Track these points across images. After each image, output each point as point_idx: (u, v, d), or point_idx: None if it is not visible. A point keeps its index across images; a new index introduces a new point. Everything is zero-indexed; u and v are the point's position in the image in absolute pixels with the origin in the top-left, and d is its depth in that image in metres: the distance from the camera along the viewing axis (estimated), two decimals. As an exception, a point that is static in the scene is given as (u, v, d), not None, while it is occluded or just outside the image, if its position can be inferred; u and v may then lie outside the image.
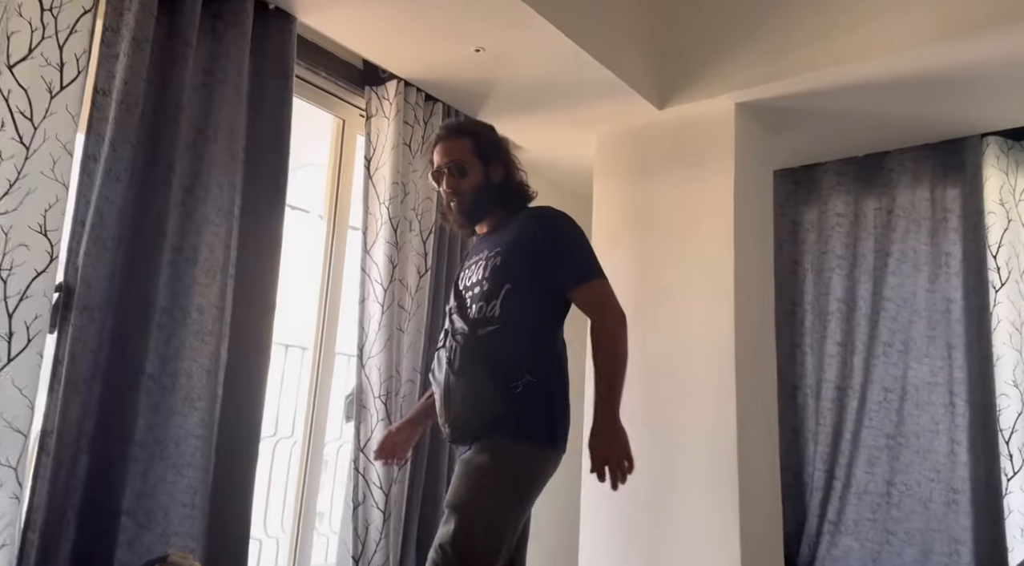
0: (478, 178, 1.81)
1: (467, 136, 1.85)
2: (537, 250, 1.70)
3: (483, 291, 1.71)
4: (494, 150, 1.86)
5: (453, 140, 1.84)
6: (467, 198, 1.81)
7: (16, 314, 1.59)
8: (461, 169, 1.81)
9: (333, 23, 2.28)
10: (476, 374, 1.64)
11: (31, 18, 1.67)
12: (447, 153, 1.83)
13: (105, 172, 1.75)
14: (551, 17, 2.18)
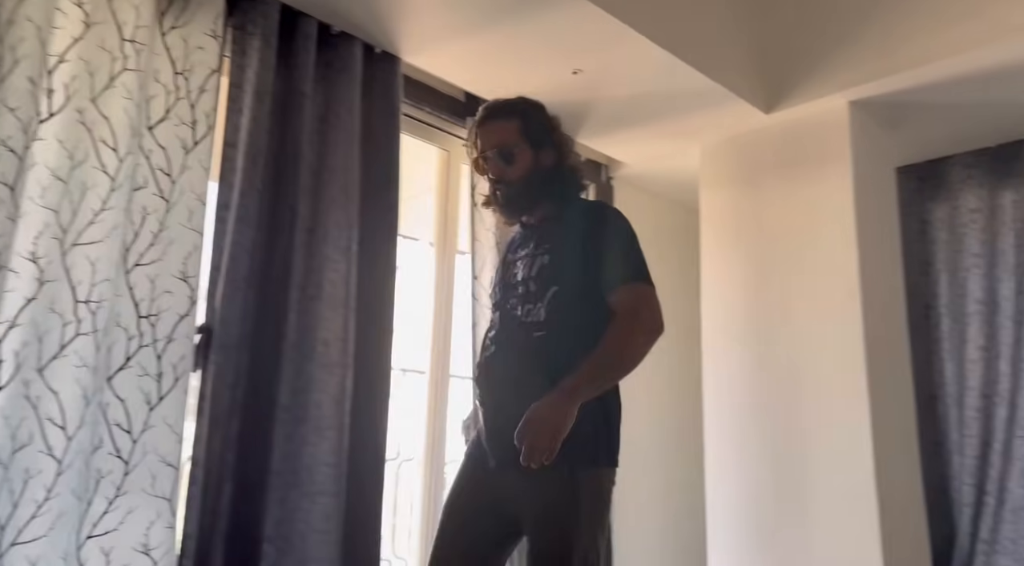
0: (527, 164, 1.63)
1: (515, 117, 1.65)
2: (587, 249, 1.55)
3: (529, 291, 1.57)
4: (545, 131, 1.67)
5: (499, 121, 1.65)
6: (515, 187, 1.63)
7: (164, 356, 1.72)
8: (508, 155, 1.62)
9: (435, 60, 2.36)
10: (531, 386, 1.46)
11: (166, 82, 1.82)
12: (492, 137, 1.64)
13: (236, 219, 1.88)
14: (647, 32, 2.16)
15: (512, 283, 1.63)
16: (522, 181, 1.62)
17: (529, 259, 1.61)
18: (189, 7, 1.86)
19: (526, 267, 1.61)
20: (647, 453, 3.17)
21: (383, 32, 2.18)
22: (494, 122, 1.65)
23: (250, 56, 1.95)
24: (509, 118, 1.64)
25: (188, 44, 1.84)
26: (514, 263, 1.66)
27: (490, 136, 1.64)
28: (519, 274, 1.62)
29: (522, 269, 1.62)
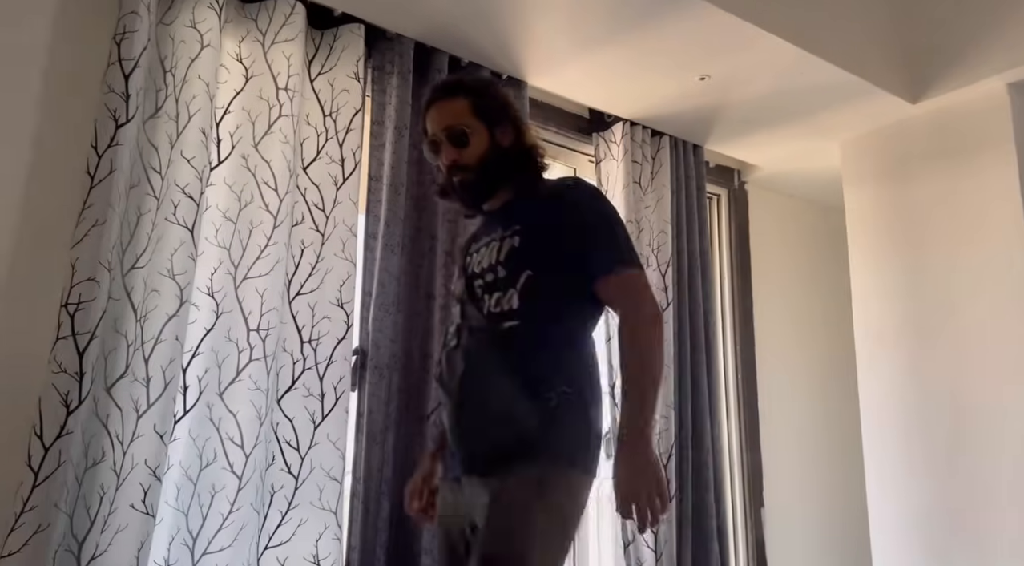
0: (483, 145, 1.46)
1: (464, 94, 1.49)
2: (564, 230, 1.38)
3: (498, 278, 1.38)
4: (500, 108, 1.50)
5: (448, 101, 1.48)
6: (473, 172, 1.46)
7: (325, 377, 1.85)
8: (462, 136, 1.46)
9: (560, 80, 2.40)
10: (499, 381, 1.32)
11: (316, 124, 1.97)
12: (443, 118, 1.48)
13: (383, 247, 1.99)
14: (777, 30, 2.10)
15: (477, 272, 1.44)
16: (479, 164, 1.46)
17: (497, 243, 1.42)
18: (333, 53, 2.01)
19: (493, 252, 1.42)
20: (803, 477, 3.02)
21: (509, 59, 2.25)
22: (444, 101, 1.48)
23: (389, 94, 2.07)
24: (458, 96, 1.48)
25: (334, 88, 1.98)
26: (477, 251, 1.48)
27: (440, 118, 1.48)
28: (485, 261, 1.43)
29: (488, 255, 1.43)
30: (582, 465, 1.31)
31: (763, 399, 2.94)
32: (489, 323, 1.36)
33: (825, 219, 3.35)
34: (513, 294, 1.35)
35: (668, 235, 2.60)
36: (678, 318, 2.58)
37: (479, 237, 1.52)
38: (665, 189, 2.65)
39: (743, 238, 3.06)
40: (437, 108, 1.49)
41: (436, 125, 1.48)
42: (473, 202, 1.50)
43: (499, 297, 1.37)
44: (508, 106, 1.52)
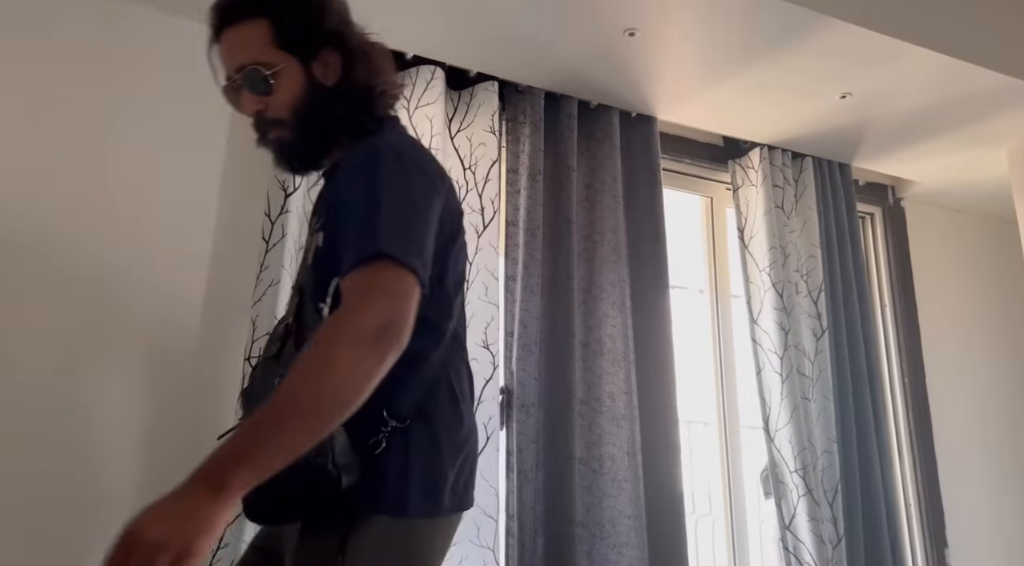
0: (296, 86, 1.07)
1: (259, 13, 1.06)
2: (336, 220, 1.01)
3: (309, 288, 1.05)
4: (314, 27, 1.08)
5: (238, 27, 1.07)
6: (288, 128, 1.07)
7: (476, 417, 1.93)
8: (260, 79, 1.05)
9: (691, 112, 2.40)
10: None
11: (457, 178, 2.10)
12: (234, 53, 1.08)
13: (522, 289, 2.07)
14: (922, 40, 1.99)
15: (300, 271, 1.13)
16: (294, 116, 1.07)
17: (310, 237, 1.09)
18: (470, 111, 2.14)
19: (309, 250, 1.09)
20: (990, 513, 2.74)
21: (638, 97, 2.28)
22: (232, 28, 1.08)
23: (522, 142, 2.17)
24: (250, 17, 1.07)
25: (472, 142, 2.11)
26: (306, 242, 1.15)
27: (230, 50, 1.08)
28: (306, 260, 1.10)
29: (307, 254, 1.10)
30: (414, 506, 0.98)
31: (938, 429, 2.71)
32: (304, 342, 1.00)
33: (996, 232, 3.07)
34: (324, 309, 1.00)
35: (818, 259, 2.50)
36: (835, 346, 2.45)
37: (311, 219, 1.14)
38: (811, 212, 2.56)
39: (903, 258, 2.86)
40: (225, 39, 1.08)
41: (227, 63, 1.09)
42: (297, 169, 1.14)
43: (322, 309, 1.01)
44: (326, 21, 1.09)
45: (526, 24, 1.94)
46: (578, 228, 2.22)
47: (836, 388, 2.41)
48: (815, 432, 2.35)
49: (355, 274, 0.91)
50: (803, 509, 2.23)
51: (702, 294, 2.64)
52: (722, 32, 1.98)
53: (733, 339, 2.55)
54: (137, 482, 1.63)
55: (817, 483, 2.28)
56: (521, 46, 2.03)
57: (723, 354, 2.53)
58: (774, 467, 2.31)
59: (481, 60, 2.10)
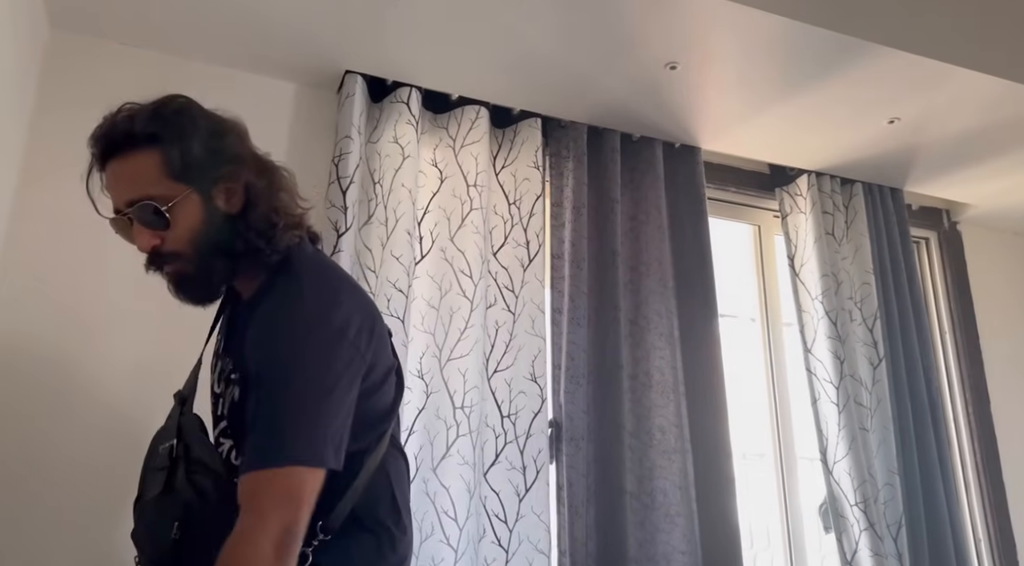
0: (195, 219, 1.00)
1: (148, 142, 0.99)
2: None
3: (224, 429, 1.03)
4: (211, 155, 1.01)
5: (126, 158, 1.00)
6: (188, 261, 1.02)
7: (525, 450, 1.94)
8: (155, 215, 0.99)
9: (735, 141, 2.40)
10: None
11: (502, 213, 2.14)
12: (124, 185, 1.01)
13: (569, 321, 2.07)
14: (971, 64, 1.96)
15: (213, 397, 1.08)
16: (194, 248, 1.01)
17: (223, 385, 1.04)
18: (514, 147, 2.18)
19: (222, 396, 1.05)
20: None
21: (681, 128, 2.30)
22: (121, 158, 1.00)
23: (566, 176, 2.20)
24: (139, 149, 0.99)
25: (516, 178, 2.15)
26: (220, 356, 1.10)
27: (121, 182, 1.01)
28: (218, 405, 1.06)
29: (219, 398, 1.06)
30: None
31: (1006, 459, 2.59)
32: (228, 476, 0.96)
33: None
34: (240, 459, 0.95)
35: (872, 286, 2.45)
36: (893, 375, 2.38)
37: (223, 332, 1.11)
38: (863, 238, 2.51)
39: (962, 282, 2.78)
40: (115, 169, 1.01)
41: (117, 195, 1.01)
42: (200, 301, 1.06)
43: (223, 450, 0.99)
44: (224, 148, 1.02)
45: (568, 62, 1.98)
46: (623, 259, 2.22)
47: (896, 418, 2.33)
48: (875, 464, 2.28)
49: (258, 475, 0.90)
50: (865, 544, 2.15)
51: (753, 322, 2.61)
52: (764, 62, 1.98)
53: (786, 368, 2.50)
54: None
55: (879, 517, 2.20)
56: (563, 83, 2.07)
57: (776, 384, 2.48)
58: (833, 500, 2.24)
59: (524, 98, 2.15)
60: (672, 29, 1.86)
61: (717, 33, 1.88)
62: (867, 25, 1.89)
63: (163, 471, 0.98)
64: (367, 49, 1.94)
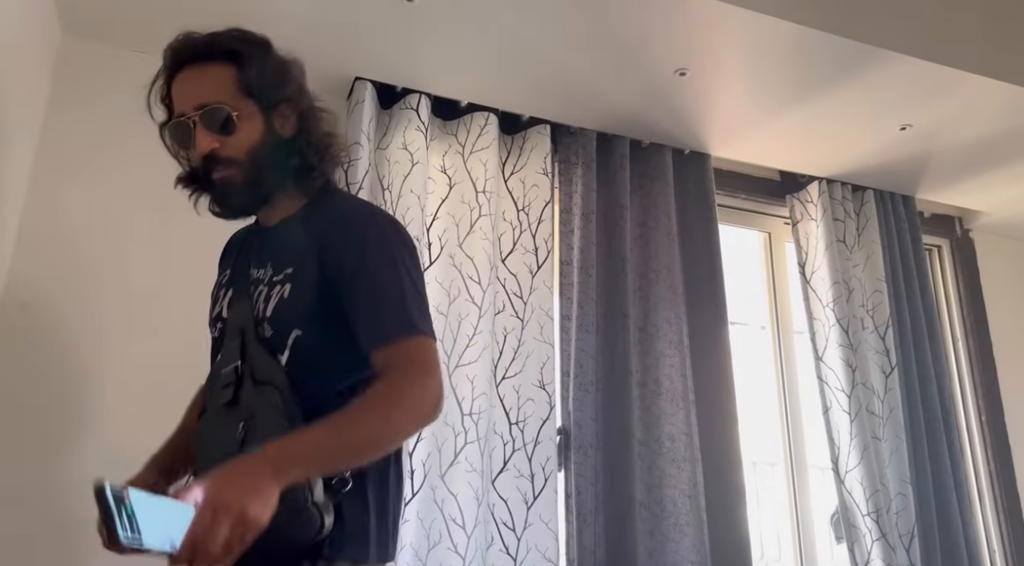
0: (256, 133, 1.10)
1: (226, 59, 1.10)
2: (336, 278, 1.05)
3: (266, 337, 1.06)
4: (279, 81, 1.12)
5: (202, 67, 1.10)
6: (241, 169, 1.09)
7: (534, 458, 1.93)
8: (224, 120, 1.08)
9: (746, 148, 2.39)
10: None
11: (511, 219, 2.13)
12: (196, 91, 1.09)
13: (578, 328, 2.06)
14: (984, 70, 1.95)
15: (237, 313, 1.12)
16: (249, 159, 1.09)
17: (265, 289, 1.09)
18: (523, 154, 2.18)
19: (260, 300, 1.10)
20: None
21: (690, 135, 2.29)
22: (197, 67, 1.10)
23: (575, 183, 2.19)
24: (217, 61, 1.10)
25: (525, 184, 2.14)
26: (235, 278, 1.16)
27: (191, 91, 1.10)
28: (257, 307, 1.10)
29: (256, 300, 1.11)
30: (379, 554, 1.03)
31: (1021, 469, 2.56)
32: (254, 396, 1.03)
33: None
34: (280, 360, 1.03)
35: (884, 294, 2.43)
36: (905, 384, 2.36)
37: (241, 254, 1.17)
38: (875, 245, 2.49)
39: (974, 290, 2.75)
40: (188, 75, 1.10)
41: (186, 99, 1.10)
42: (237, 211, 1.14)
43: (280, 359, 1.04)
44: (289, 78, 1.14)
45: (577, 68, 1.98)
46: (633, 266, 2.21)
47: (908, 427, 2.31)
48: (887, 473, 2.25)
49: (400, 346, 1.02)
50: (878, 554, 2.12)
51: (763, 330, 2.59)
52: (775, 68, 1.98)
53: (798, 376, 2.48)
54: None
55: (892, 527, 2.18)
56: (572, 89, 2.07)
57: (788, 392, 2.46)
58: (845, 510, 2.22)
59: (533, 105, 2.14)
60: (681, 35, 1.85)
61: (727, 39, 1.87)
62: (878, 31, 1.88)
63: (229, 387, 1.03)
64: (377, 56, 1.95)
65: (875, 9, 1.92)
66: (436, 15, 1.78)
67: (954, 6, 2.05)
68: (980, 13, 2.06)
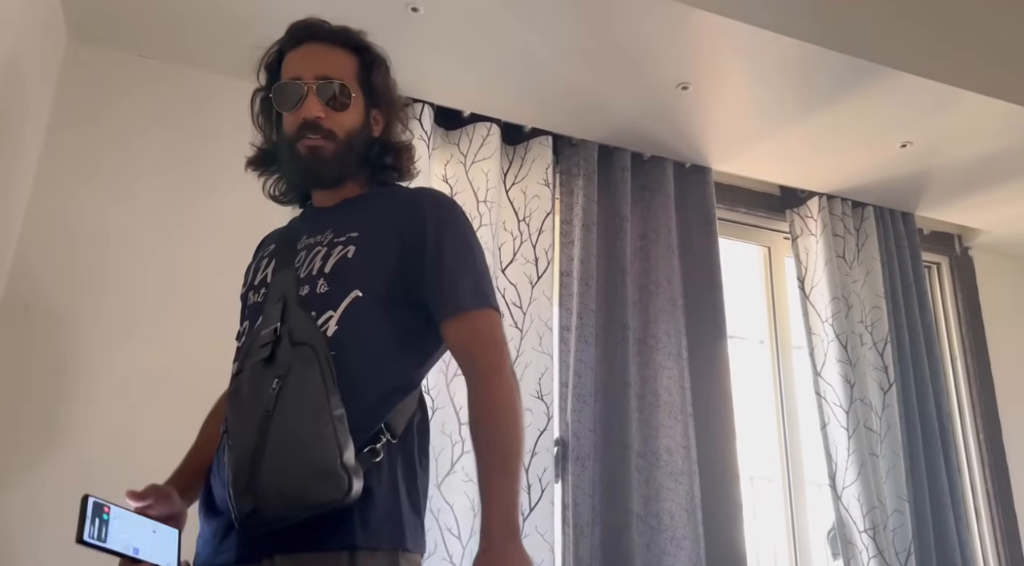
0: (357, 119, 1.17)
1: (353, 51, 1.20)
2: (412, 248, 1.10)
3: (314, 294, 1.07)
4: (385, 88, 1.22)
5: (330, 48, 1.18)
6: (335, 143, 1.14)
7: (531, 469, 1.92)
8: (344, 96, 1.15)
9: (747, 162, 2.40)
10: (301, 427, 0.95)
11: (512, 230, 2.14)
12: (321, 63, 1.17)
13: (577, 338, 2.06)
14: (984, 89, 1.96)
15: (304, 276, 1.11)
16: (345, 138, 1.15)
17: (322, 248, 1.11)
18: (525, 164, 2.19)
19: (316, 259, 1.11)
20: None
21: (692, 149, 2.30)
22: (326, 45, 1.18)
23: (575, 194, 2.20)
24: (345, 49, 1.19)
25: (526, 195, 2.15)
26: (279, 252, 1.17)
27: (316, 61, 1.16)
28: (303, 269, 1.11)
29: (308, 261, 1.11)
30: (408, 540, 1.00)
31: (1018, 488, 2.55)
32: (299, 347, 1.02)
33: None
34: (332, 317, 1.05)
35: (883, 310, 2.43)
36: (903, 400, 2.36)
37: (294, 239, 1.18)
38: (874, 261, 2.50)
39: (973, 308, 2.76)
40: (314, 49, 1.18)
41: (307, 67, 1.16)
42: (317, 180, 1.19)
43: (314, 317, 1.05)
44: (394, 93, 1.24)
45: (579, 81, 1.99)
46: (632, 278, 2.21)
47: (906, 444, 2.31)
48: (884, 490, 2.25)
49: (474, 318, 1.09)
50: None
51: (762, 344, 2.59)
52: (776, 84, 1.99)
53: (796, 391, 2.48)
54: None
55: (888, 544, 2.17)
56: (575, 102, 2.08)
57: (786, 407, 2.46)
58: (842, 526, 2.21)
59: (536, 116, 2.16)
60: (684, 50, 1.87)
61: (729, 54, 1.89)
62: (880, 49, 1.89)
63: (267, 346, 1.04)
64: (381, 65, 1.95)
65: (876, 27, 1.93)
66: (440, 25, 1.79)
67: (955, 25, 2.06)
68: (980, 32, 2.08)
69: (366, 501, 0.95)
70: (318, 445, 0.92)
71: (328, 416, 0.94)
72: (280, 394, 0.98)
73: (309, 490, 0.91)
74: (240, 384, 1.05)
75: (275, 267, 1.15)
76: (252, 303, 1.16)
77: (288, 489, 0.92)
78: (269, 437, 0.95)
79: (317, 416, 0.94)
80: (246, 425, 0.98)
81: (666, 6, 1.72)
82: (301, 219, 1.24)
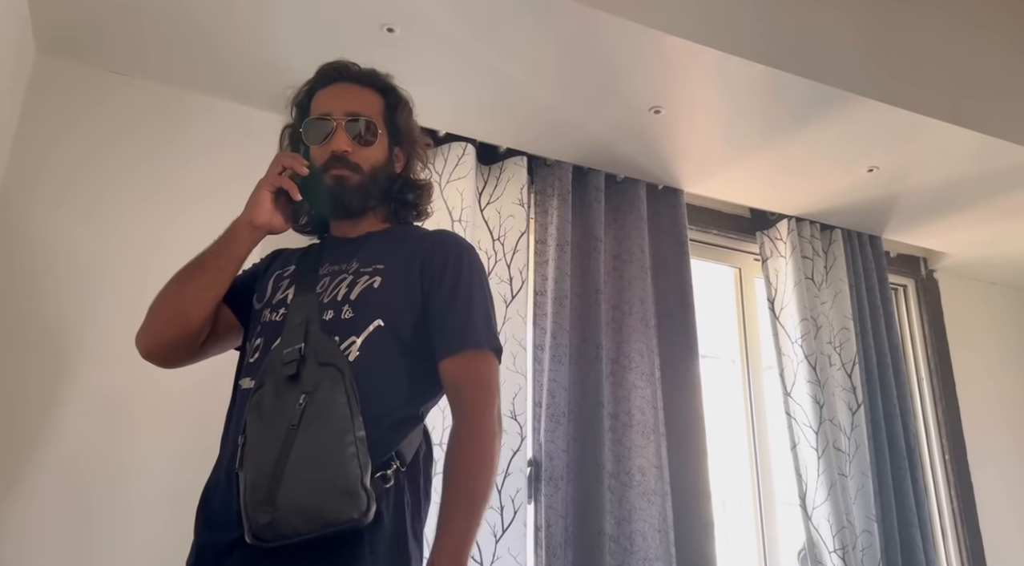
0: (382, 156, 1.24)
1: (380, 92, 1.28)
2: (428, 286, 1.15)
3: (338, 319, 1.10)
4: (407, 129, 1.29)
5: (359, 87, 1.26)
6: (360, 176, 1.21)
7: (504, 489, 1.90)
8: (370, 133, 1.22)
9: (718, 184, 2.44)
10: (326, 444, 0.97)
11: (487, 249, 2.14)
12: (351, 101, 1.24)
13: (550, 358, 2.06)
14: (948, 117, 2.02)
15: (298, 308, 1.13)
16: (370, 171, 1.22)
17: (347, 276, 1.15)
18: (500, 184, 2.20)
19: (341, 285, 1.14)
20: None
21: (664, 171, 2.33)
22: (352, 86, 1.26)
23: (550, 214, 2.21)
24: (372, 89, 1.27)
25: (501, 215, 2.16)
26: (299, 278, 1.19)
27: (346, 99, 1.24)
28: (327, 294, 1.13)
29: (332, 287, 1.14)
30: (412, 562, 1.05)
31: (983, 508, 2.59)
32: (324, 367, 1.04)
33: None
34: (355, 342, 1.08)
35: (851, 331, 2.47)
36: (871, 420, 2.39)
37: (313, 261, 1.21)
38: (842, 283, 2.54)
39: (938, 331, 2.81)
40: (344, 88, 1.26)
41: (337, 105, 1.23)
42: (341, 209, 1.23)
43: (353, 342, 1.09)
44: (416, 133, 1.32)
45: (554, 103, 2.01)
46: (606, 298, 2.23)
47: (874, 464, 2.33)
48: (854, 510, 2.27)
49: (471, 357, 1.12)
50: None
51: (734, 364, 2.61)
52: (747, 109, 2.03)
53: (766, 412, 2.50)
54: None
55: (857, 564, 2.19)
56: (549, 123, 2.10)
57: (756, 427, 2.47)
58: (812, 547, 2.22)
59: (511, 136, 2.17)
60: (656, 74, 1.90)
61: (700, 79, 1.92)
62: (847, 76, 1.94)
63: (292, 364, 1.04)
64: (356, 83, 1.95)
65: (845, 55, 1.98)
66: (416, 45, 1.80)
67: (920, 55, 2.12)
68: (945, 61, 2.14)
69: (376, 525, 0.97)
70: (342, 463, 0.95)
71: (352, 436, 0.97)
72: (306, 410, 0.99)
73: (329, 507, 0.93)
74: (262, 397, 1.04)
75: (297, 290, 1.16)
76: (268, 321, 1.16)
77: (308, 504, 0.93)
78: (292, 451, 0.96)
79: (343, 435, 0.97)
80: (269, 438, 0.98)
81: (639, 32, 1.75)
82: (320, 247, 1.26)
